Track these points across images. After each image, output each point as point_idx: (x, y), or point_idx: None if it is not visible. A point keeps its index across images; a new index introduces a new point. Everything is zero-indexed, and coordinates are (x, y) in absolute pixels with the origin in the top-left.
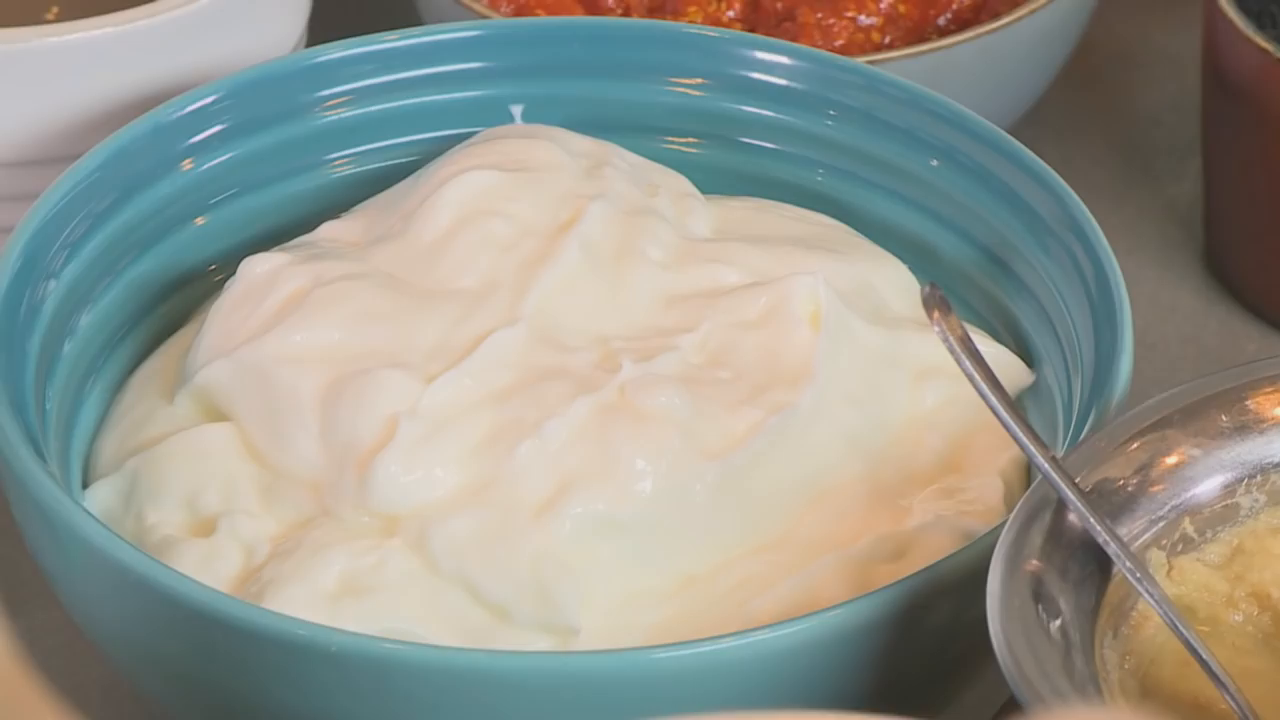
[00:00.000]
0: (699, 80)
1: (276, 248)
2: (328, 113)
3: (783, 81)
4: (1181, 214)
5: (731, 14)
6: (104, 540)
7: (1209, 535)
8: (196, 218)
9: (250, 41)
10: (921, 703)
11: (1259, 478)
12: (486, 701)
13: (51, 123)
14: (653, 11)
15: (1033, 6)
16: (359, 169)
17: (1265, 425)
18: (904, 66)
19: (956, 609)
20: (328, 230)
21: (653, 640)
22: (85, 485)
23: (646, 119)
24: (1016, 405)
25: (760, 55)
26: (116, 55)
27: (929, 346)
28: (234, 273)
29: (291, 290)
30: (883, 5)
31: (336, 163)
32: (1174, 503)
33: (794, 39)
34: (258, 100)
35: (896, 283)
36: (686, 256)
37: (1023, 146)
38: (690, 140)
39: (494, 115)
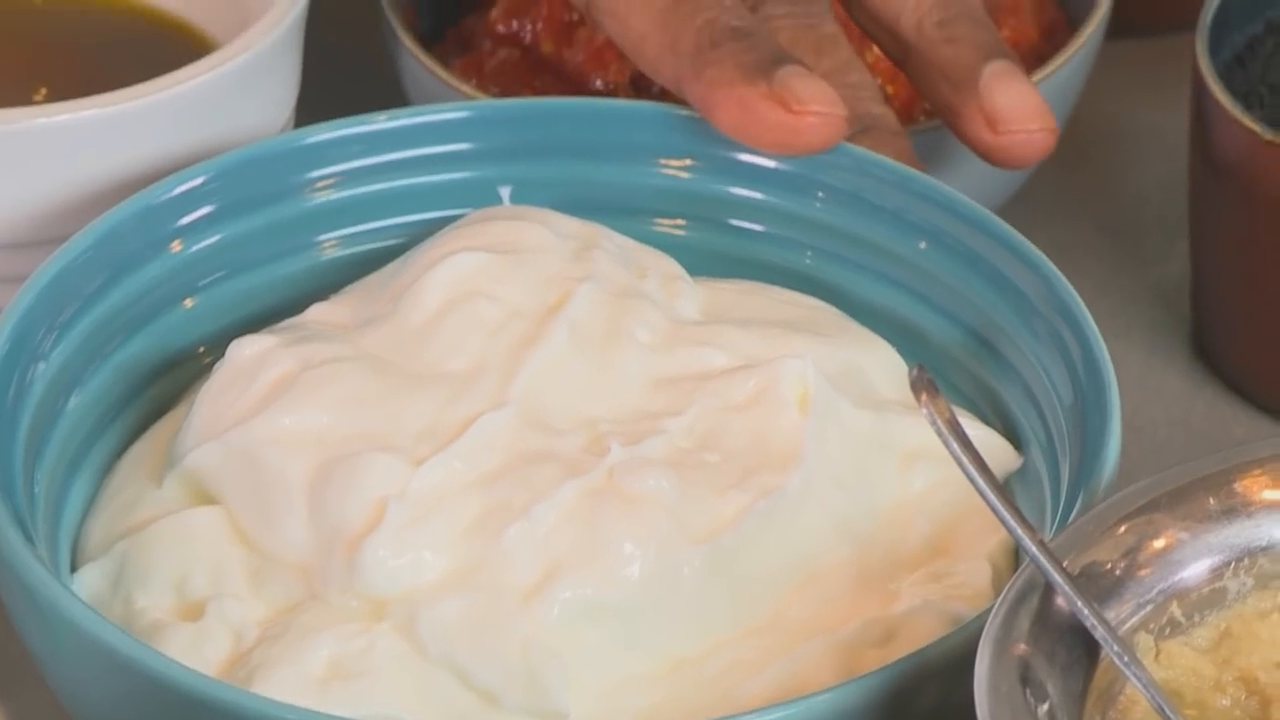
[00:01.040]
0: (687, 161)
1: (265, 330)
2: (316, 194)
3: (771, 163)
4: (1169, 295)
5: None
6: (92, 624)
7: (1197, 619)
8: (185, 299)
9: (239, 123)
10: None
11: (1246, 561)
12: None
13: (40, 204)
14: (641, 92)
15: None
16: (348, 251)
17: (1253, 509)
18: None
19: (944, 693)
20: (316, 312)
21: None
22: (74, 568)
23: (635, 201)
24: (1004, 489)
25: None
26: (105, 136)
27: (917, 429)
28: (223, 355)
29: (280, 373)
30: None
31: (325, 244)
32: (1161, 586)
33: None
34: (246, 182)
35: (884, 365)
36: (675, 339)
37: (1010, 228)
38: (679, 222)
39: (482, 197)
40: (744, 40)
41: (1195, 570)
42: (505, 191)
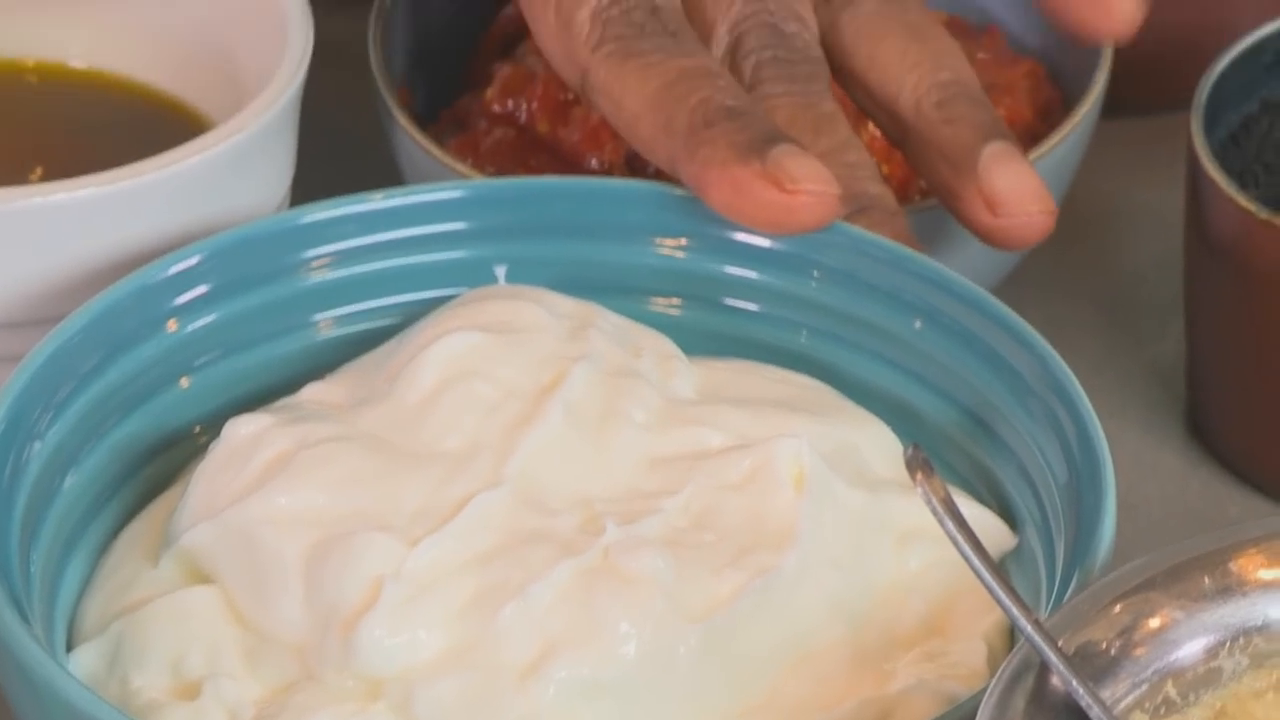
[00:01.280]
0: (683, 241)
1: (261, 409)
2: (312, 273)
3: (766, 242)
4: (1164, 374)
5: None
6: (88, 704)
7: (1192, 698)
8: (181, 379)
9: (234, 202)
10: None
11: (1242, 640)
12: None
13: (36, 284)
14: (636, 172)
15: None
16: (343, 330)
17: (1248, 588)
18: None
19: None
20: (312, 392)
21: None
22: (70, 648)
23: (630, 280)
24: (1000, 568)
25: None
26: (101, 216)
27: (912, 508)
28: (219, 434)
29: (276, 452)
30: None
31: (321, 324)
32: (1157, 665)
33: None
34: (242, 261)
35: (879, 444)
36: (670, 418)
37: (1005, 307)
38: (674, 301)
39: (478, 276)
40: (738, 120)
41: (1190, 649)
42: (501, 271)
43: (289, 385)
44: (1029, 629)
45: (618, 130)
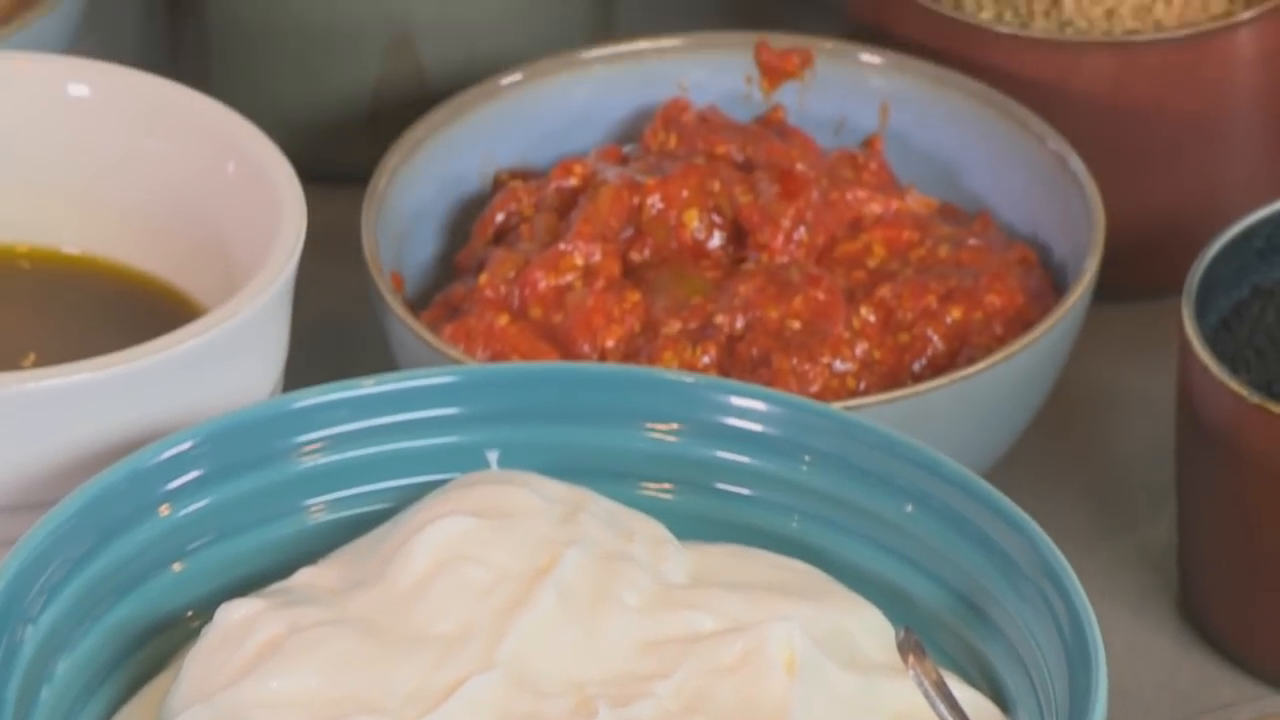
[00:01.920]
0: (674, 426)
1: (254, 594)
2: (304, 458)
3: (758, 427)
4: (1156, 559)
5: (707, 359)
6: None
7: None
8: (174, 563)
9: (227, 387)
10: None
11: None
12: None
13: (28, 468)
14: (628, 357)
15: (1008, 352)
16: (336, 515)
17: None
18: (879, 412)
19: None
20: (305, 576)
21: None
22: None
23: (622, 465)
24: None
25: (736, 401)
26: (94, 401)
27: (905, 691)
28: (211, 618)
29: (269, 636)
30: (858, 351)
31: (313, 508)
32: None
33: (769, 384)
34: (234, 446)
35: (871, 628)
36: (663, 602)
37: (997, 491)
38: (666, 486)
39: (470, 461)
40: None
41: None
42: (493, 456)
43: (282, 570)
44: None
45: None
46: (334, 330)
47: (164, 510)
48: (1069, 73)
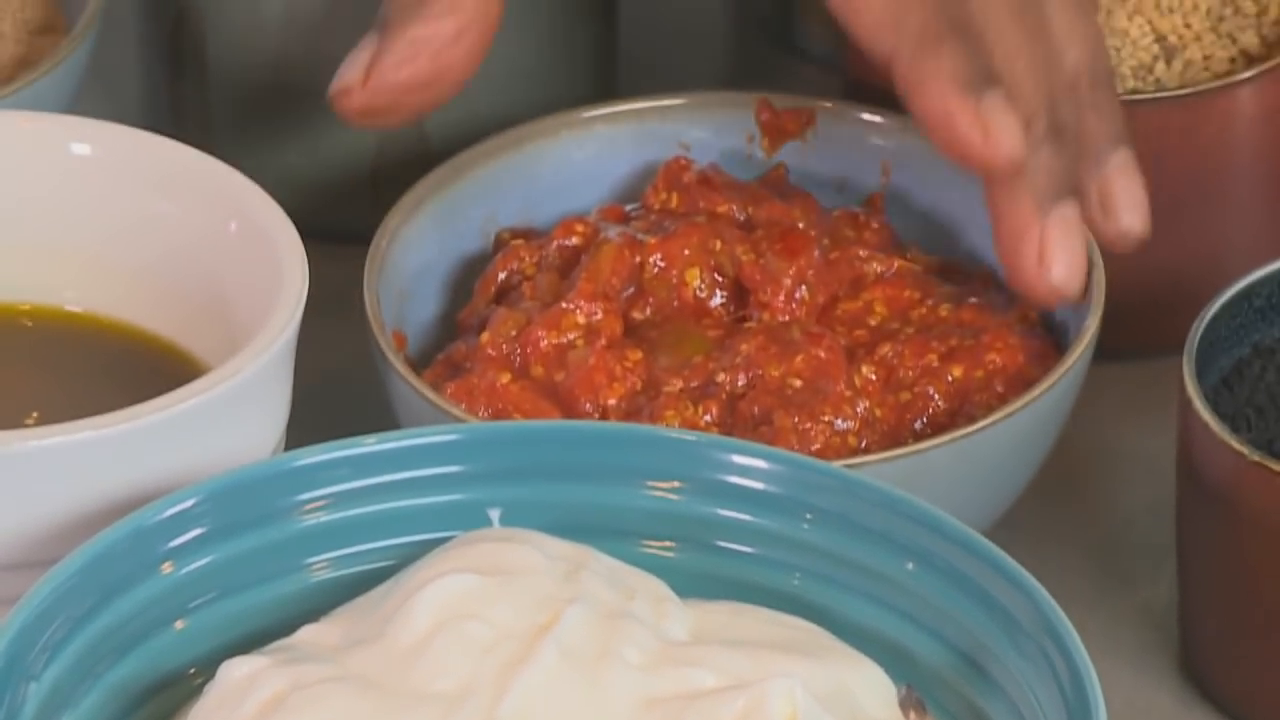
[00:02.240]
0: (676, 484)
1: (256, 651)
2: (307, 516)
3: (760, 485)
4: (1157, 617)
5: (708, 417)
6: None
7: None
8: (176, 621)
9: (229, 445)
10: None
11: None
12: None
13: (32, 526)
14: (630, 415)
15: (1008, 411)
16: (338, 573)
17: None
18: (880, 470)
19: None
20: (307, 634)
21: None
22: None
23: (624, 523)
24: None
25: (737, 459)
26: (97, 459)
27: None
28: (214, 676)
29: (271, 693)
30: (859, 409)
31: (316, 566)
32: None
33: (771, 443)
34: (237, 504)
35: (872, 685)
36: (664, 660)
37: (997, 549)
38: (667, 544)
39: (472, 519)
40: (966, 44)
41: None
42: (495, 514)
43: (284, 627)
44: None
45: (833, 6)
46: (336, 388)
47: (166, 568)
48: None
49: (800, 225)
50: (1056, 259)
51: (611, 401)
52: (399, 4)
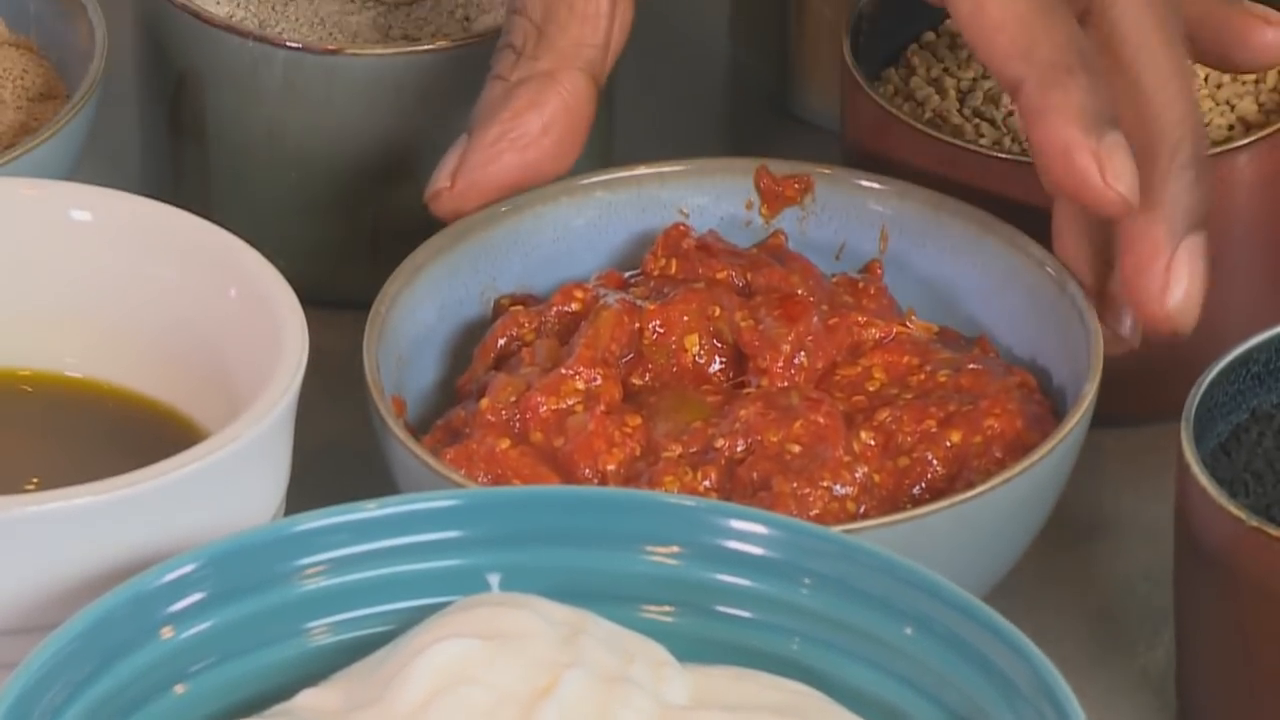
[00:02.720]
0: (675, 549)
1: (256, 715)
2: (306, 581)
3: (758, 550)
4: (1155, 682)
5: (707, 483)
6: None
7: None
8: (176, 686)
9: (229, 510)
10: None
11: None
12: None
13: (31, 591)
14: (629, 480)
15: (1006, 476)
16: (338, 637)
17: None
18: (879, 535)
19: None
20: (307, 698)
21: None
22: None
23: (623, 588)
24: None
25: (736, 524)
26: (96, 524)
27: None
28: None
29: None
30: (857, 475)
31: (315, 631)
32: None
33: (770, 508)
34: (237, 569)
35: None
36: None
37: (996, 614)
38: (666, 609)
39: (471, 584)
40: (1093, 77)
41: None
42: (494, 579)
43: (283, 692)
44: None
45: (965, 32)
46: (336, 454)
47: (166, 633)
48: None
49: (799, 291)
50: (1178, 285)
51: (610, 467)
52: (485, 103)
